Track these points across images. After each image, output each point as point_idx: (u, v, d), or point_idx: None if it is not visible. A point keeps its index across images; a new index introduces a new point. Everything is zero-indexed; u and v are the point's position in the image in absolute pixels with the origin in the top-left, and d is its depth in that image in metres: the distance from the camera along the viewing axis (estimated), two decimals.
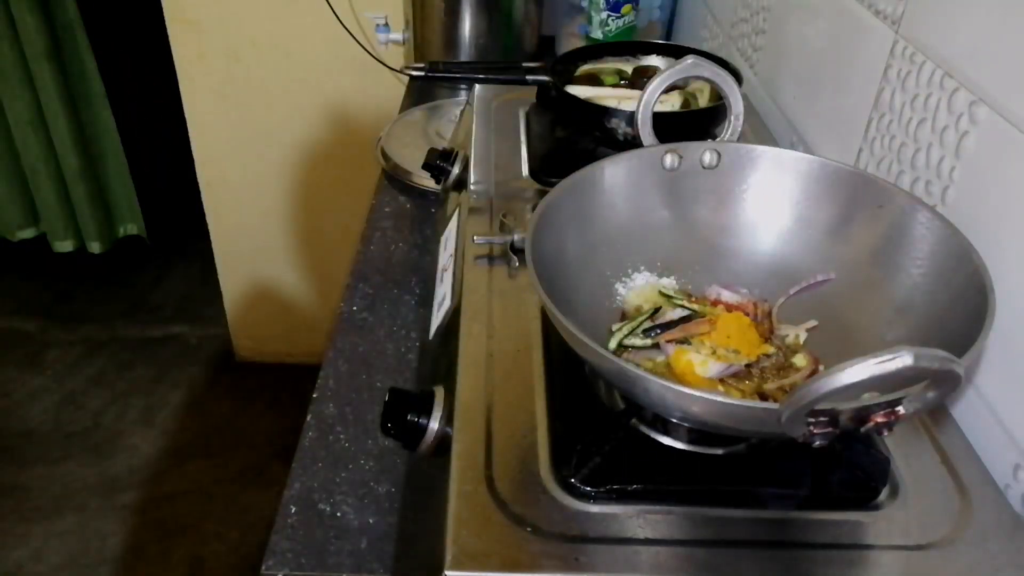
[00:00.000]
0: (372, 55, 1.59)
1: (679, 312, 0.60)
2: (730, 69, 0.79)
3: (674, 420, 0.51)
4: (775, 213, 0.64)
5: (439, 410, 0.56)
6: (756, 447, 0.52)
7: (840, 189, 0.61)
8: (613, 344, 0.57)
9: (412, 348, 0.80)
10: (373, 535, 0.61)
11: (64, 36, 2.22)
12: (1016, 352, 0.55)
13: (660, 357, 0.57)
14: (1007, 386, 0.56)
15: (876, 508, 0.49)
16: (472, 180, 0.80)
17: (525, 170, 0.83)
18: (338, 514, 0.63)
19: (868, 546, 0.47)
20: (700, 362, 0.55)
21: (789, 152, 0.64)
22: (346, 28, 1.59)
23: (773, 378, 0.55)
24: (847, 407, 0.40)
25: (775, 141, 0.95)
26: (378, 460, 0.68)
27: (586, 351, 0.46)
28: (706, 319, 0.58)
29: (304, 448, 0.69)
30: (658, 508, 0.48)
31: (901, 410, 0.40)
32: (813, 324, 0.60)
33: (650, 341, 0.58)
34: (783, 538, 0.47)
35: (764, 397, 0.54)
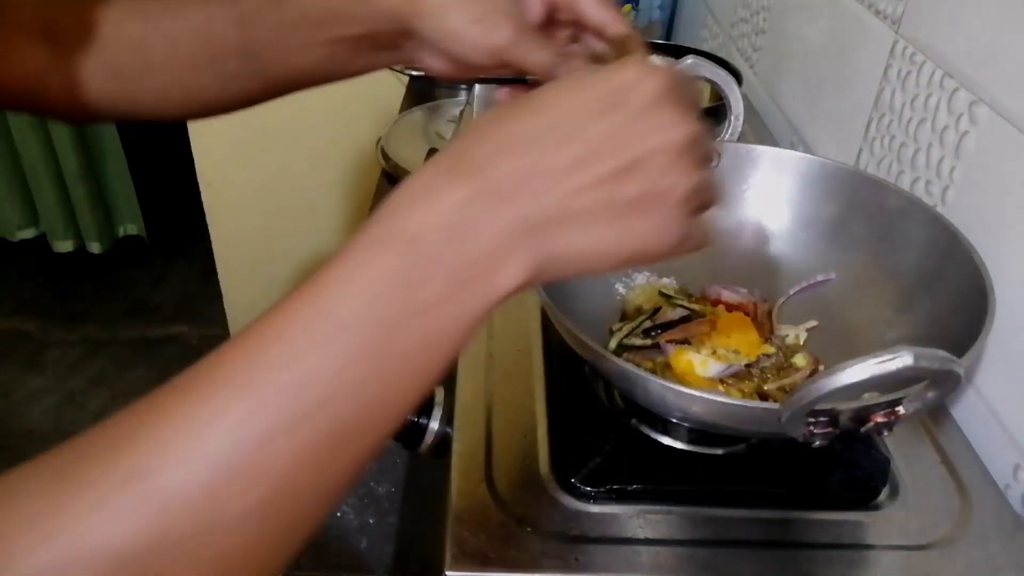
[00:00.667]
0: None
1: (679, 312, 0.60)
2: (730, 69, 0.79)
3: (674, 420, 0.51)
4: (775, 213, 0.64)
5: (439, 410, 0.56)
6: (756, 447, 0.52)
7: (840, 189, 0.61)
8: (613, 344, 0.57)
9: None
10: (373, 535, 0.61)
11: None
12: (1016, 352, 0.55)
13: (660, 357, 0.57)
14: (1007, 386, 0.56)
15: (876, 508, 0.49)
16: None
17: None
18: (338, 514, 0.63)
19: (868, 546, 0.47)
20: (700, 362, 0.55)
21: (789, 152, 0.64)
22: None
23: (773, 378, 0.55)
24: (847, 407, 0.40)
25: (775, 141, 0.95)
26: (378, 460, 0.68)
27: (586, 351, 0.46)
28: (706, 319, 0.58)
29: None
30: (658, 508, 0.48)
31: (901, 410, 0.40)
32: (813, 324, 0.60)
33: (650, 341, 0.58)
34: (783, 538, 0.47)
35: (764, 397, 0.54)
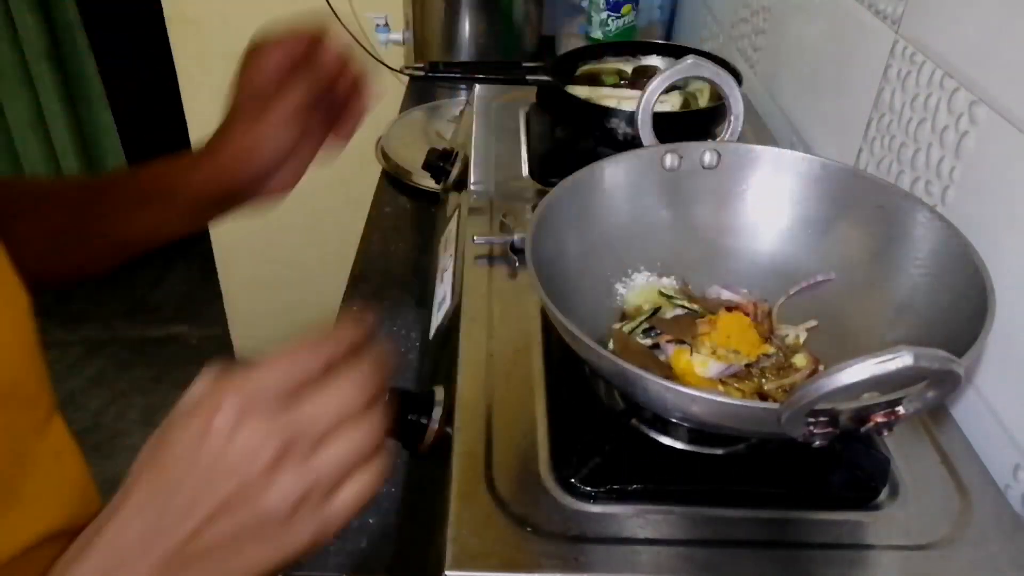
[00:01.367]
0: (372, 55, 1.59)
1: (679, 312, 0.60)
2: (730, 69, 0.79)
3: (674, 420, 0.51)
4: (775, 213, 0.64)
5: (439, 410, 0.56)
6: (756, 447, 0.52)
7: (840, 189, 0.61)
8: (613, 344, 0.57)
9: (412, 348, 0.80)
10: (373, 535, 0.61)
11: (64, 36, 2.22)
12: (1016, 352, 0.55)
13: (660, 357, 0.57)
14: (1007, 386, 0.56)
15: (876, 508, 0.49)
16: (472, 180, 0.80)
17: (525, 170, 0.83)
18: None
19: (868, 546, 0.47)
20: (700, 362, 0.55)
21: (789, 152, 0.63)
22: (346, 28, 1.58)
23: (773, 378, 0.55)
24: (847, 407, 0.40)
25: (775, 141, 0.95)
26: None
27: (586, 351, 0.46)
28: (706, 319, 0.58)
29: None
30: (658, 508, 0.48)
31: (901, 410, 0.40)
32: (813, 324, 0.60)
33: (650, 341, 0.58)
34: (783, 538, 0.47)
35: (764, 397, 0.54)
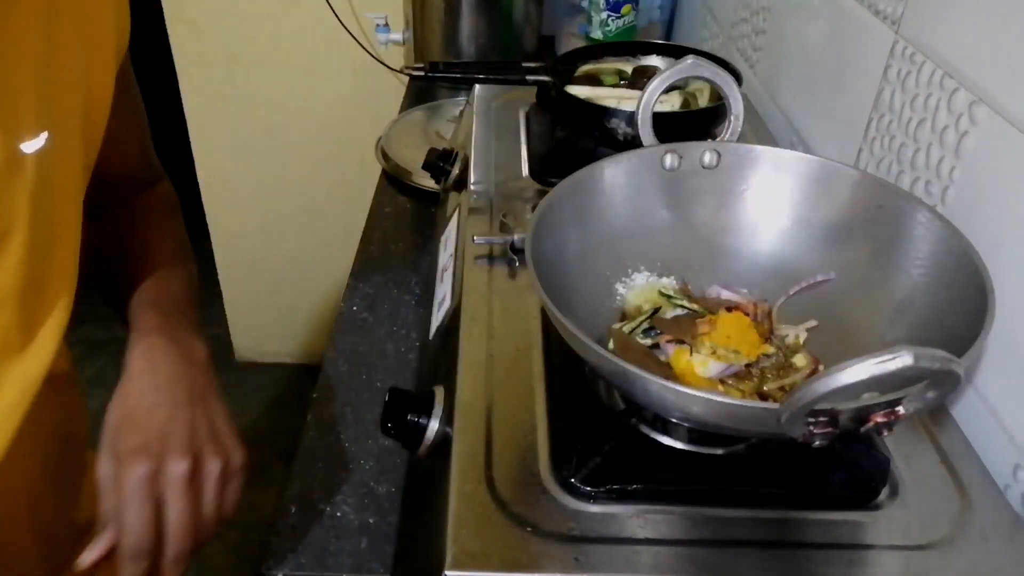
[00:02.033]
0: (372, 55, 1.59)
1: (679, 312, 0.60)
2: (730, 69, 0.79)
3: (674, 420, 0.51)
4: (775, 213, 0.64)
5: (439, 410, 0.56)
6: (756, 447, 0.52)
7: (840, 189, 0.61)
8: (613, 344, 0.57)
9: (412, 348, 0.80)
10: (373, 535, 0.61)
11: None
12: (1016, 352, 0.55)
13: (660, 357, 0.57)
14: (1007, 386, 0.56)
15: (876, 508, 0.49)
16: (472, 180, 0.80)
17: (525, 170, 0.83)
18: (338, 514, 0.63)
19: (868, 546, 0.47)
20: (700, 362, 0.55)
21: (789, 152, 0.64)
22: (346, 28, 1.59)
23: (773, 378, 0.55)
24: (847, 407, 0.40)
25: (775, 141, 0.95)
26: (378, 460, 0.68)
27: (586, 351, 0.46)
28: (706, 319, 0.58)
29: (304, 448, 0.69)
30: (658, 508, 0.48)
31: (901, 410, 0.40)
32: (813, 324, 0.60)
33: (650, 341, 0.58)
34: (783, 538, 0.47)
35: (764, 397, 0.54)
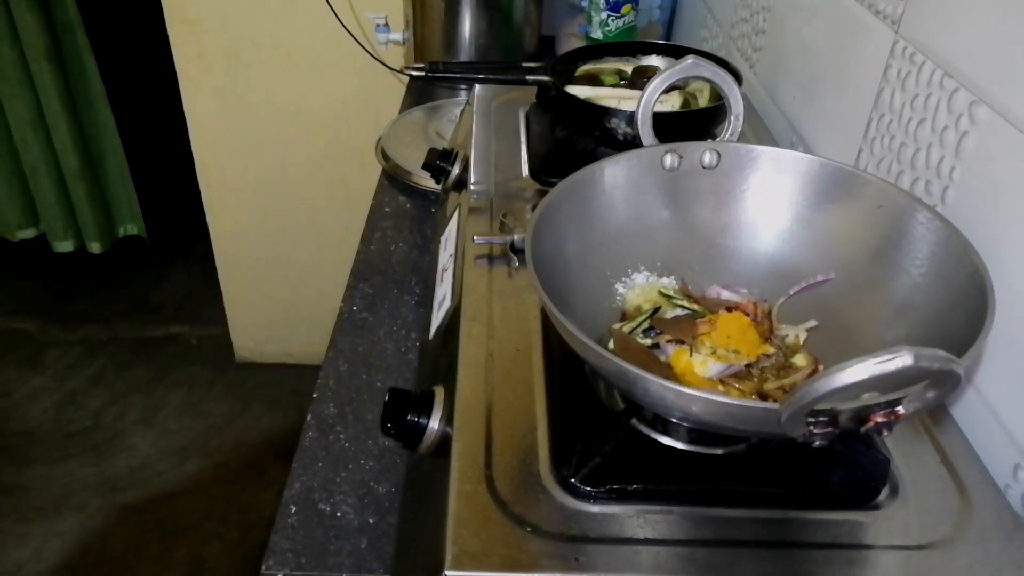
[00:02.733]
0: (372, 55, 1.59)
1: (679, 312, 0.60)
2: (730, 69, 0.79)
3: (674, 420, 0.51)
4: (775, 213, 0.64)
5: (439, 410, 0.56)
6: (756, 447, 0.52)
7: (840, 189, 0.61)
8: (613, 344, 0.57)
9: (412, 348, 0.80)
10: (373, 535, 0.61)
11: (64, 36, 2.22)
12: (1016, 352, 0.55)
13: (660, 357, 0.57)
14: (1007, 386, 0.56)
15: (876, 508, 0.49)
16: (472, 180, 0.80)
17: (525, 170, 0.83)
18: (338, 514, 0.63)
19: (868, 546, 0.47)
20: (700, 362, 0.55)
21: (789, 152, 0.63)
22: (346, 28, 1.58)
23: (773, 378, 0.55)
24: (847, 407, 0.40)
25: (775, 141, 0.95)
26: (378, 460, 0.68)
27: (586, 351, 0.46)
28: (706, 319, 0.58)
29: (304, 448, 0.69)
30: (658, 508, 0.48)
31: (901, 410, 0.40)
32: (813, 324, 0.60)
33: (650, 341, 0.58)
34: (783, 538, 0.47)
35: (764, 397, 0.54)
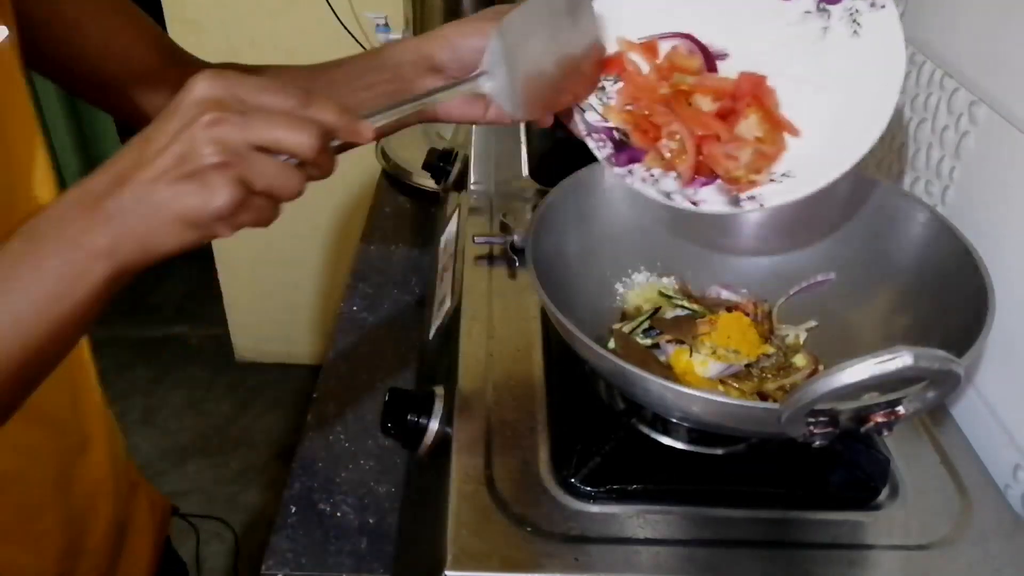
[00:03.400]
0: None
1: (679, 312, 0.60)
2: None
3: (674, 420, 0.51)
4: (775, 213, 0.64)
5: (439, 410, 0.56)
6: (756, 447, 0.52)
7: (840, 189, 0.61)
8: (613, 344, 0.57)
9: (412, 348, 0.80)
10: (373, 535, 0.61)
11: None
12: (1016, 352, 0.55)
13: (660, 357, 0.57)
14: (1007, 386, 0.56)
15: (876, 508, 0.49)
16: (472, 180, 0.80)
17: (525, 170, 0.83)
18: (338, 514, 0.63)
19: (868, 546, 0.47)
20: (700, 362, 0.55)
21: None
22: (346, 28, 1.59)
23: (773, 378, 0.55)
24: (847, 407, 0.40)
25: None
26: (378, 460, 0.68)
27: (586, 351, 0.46)
28: (706, 319, 0.58)
29: (304, 448, 0.69)
30: (658, 508, 0.48)
31: (901, 410, 0.40)
32: (813, 324, 0.60)
33: (650, 341, 0.58)
34: (783, 538, 0.47)
35: (764, 397, 0.54)
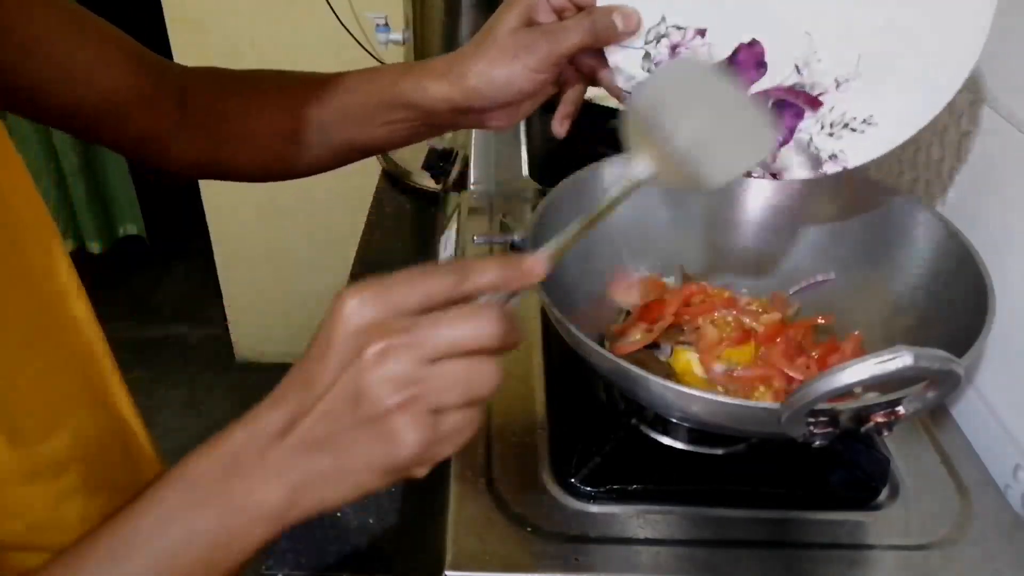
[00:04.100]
0: (372, 55, 1.59)
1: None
2: None
3: (674, 420, 0.51)
4: (775, 213, 0.64)
5: None
6: (756, 447, 0.52)
7: (840, 189, 0.61)
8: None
9: None
10: (373, 535, 0.61)
11: None
12: (1016, 352, 0.55)
13: (660, 357, 0.57)
14: (1007, 386, 0.56)
15: (876, 508, 0.49)
16: (472, 180, 0.80)
17: (525, 170, 0.83)
18: (338, 514, 0.63)
19: (868, 546, 0.47)
20: (699, 362, 0.55)
21: None
22: (346, 28, 1.59)
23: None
24: (847, 407, 0.40)
25: None
26: None
27: (586, 351, 0.46)
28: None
29: None
30: (658, 508, 0.48)
31: (901, 410, 0.40)
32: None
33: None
34: (783, 538, 0.47)
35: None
